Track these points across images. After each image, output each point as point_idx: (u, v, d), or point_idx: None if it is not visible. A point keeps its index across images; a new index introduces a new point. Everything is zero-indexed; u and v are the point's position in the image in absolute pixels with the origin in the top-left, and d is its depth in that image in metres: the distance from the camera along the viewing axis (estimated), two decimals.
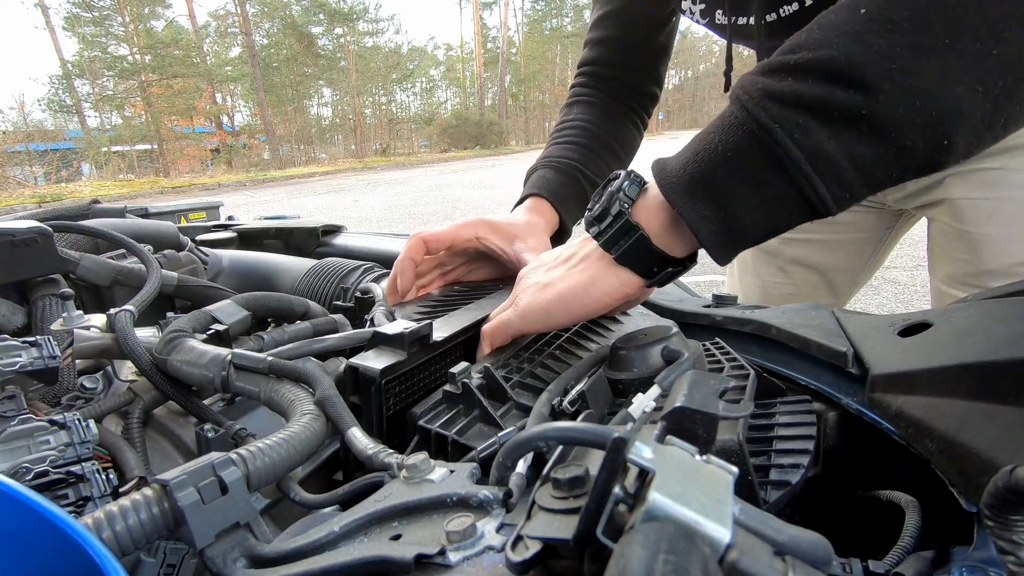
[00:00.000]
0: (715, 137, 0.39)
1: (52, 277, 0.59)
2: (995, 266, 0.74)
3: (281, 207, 8.56)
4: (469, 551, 0.23)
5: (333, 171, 16.70)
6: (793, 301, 1.04)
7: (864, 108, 0.34)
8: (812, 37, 0.36)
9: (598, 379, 0.39)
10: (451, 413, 0.40)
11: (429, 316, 0.55)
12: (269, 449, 0.31)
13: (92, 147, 18.08)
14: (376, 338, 0.44)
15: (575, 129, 0.83)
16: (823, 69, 0.35)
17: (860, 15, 0.35)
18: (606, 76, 0.87)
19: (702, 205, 0.39)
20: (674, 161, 0.42)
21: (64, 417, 0.35)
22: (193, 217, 1.31)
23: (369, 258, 0.91)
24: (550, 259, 0.53)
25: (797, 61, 0.36)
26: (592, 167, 0.80)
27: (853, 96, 0.34)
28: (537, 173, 0.79)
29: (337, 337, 0.47)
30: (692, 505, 0.18)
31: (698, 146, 0.40)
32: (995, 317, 0.36)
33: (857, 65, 0.34)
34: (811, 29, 0.37)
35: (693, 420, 0.26)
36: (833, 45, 0.35)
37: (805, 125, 0.35)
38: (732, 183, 0.38)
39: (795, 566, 0.18)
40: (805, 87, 0.35)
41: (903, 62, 0.34)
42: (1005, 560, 0.23)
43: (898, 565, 0.29)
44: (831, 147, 0.35)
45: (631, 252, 0.44)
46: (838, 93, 0.34)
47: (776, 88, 0.36)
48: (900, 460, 0.38)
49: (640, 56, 0.87)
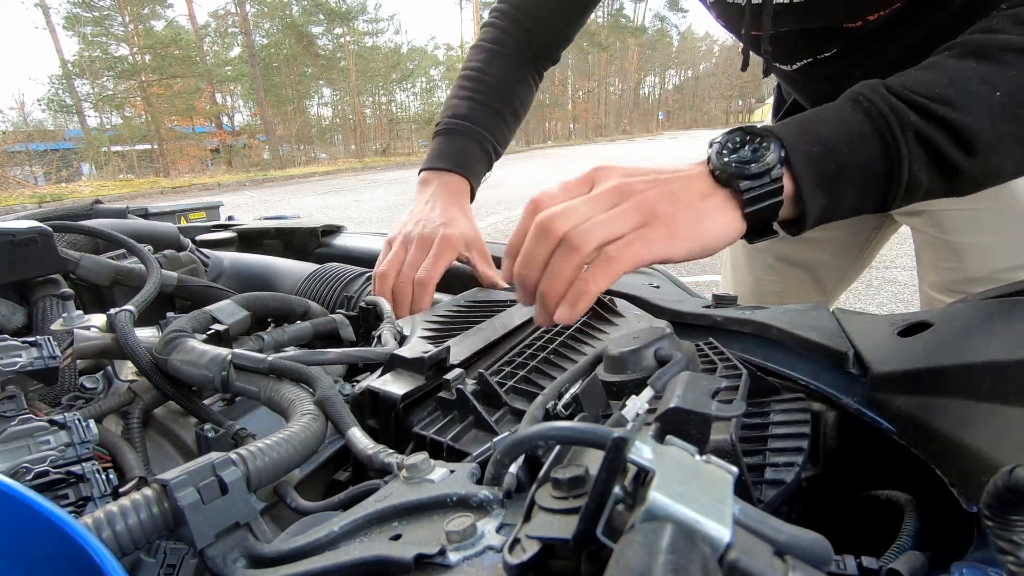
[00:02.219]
0: (853, 142, 0.43)
1: (52, 277, 0.59)
2: (980, 273, 0.77)
3: (281, 207, 8.56)
4: (469, 551, 0.23)
5: (333, 171, 16.69)
6: (783, 298, 1.05)
7: (961, 165, 0.44)
8: (958, 95, 0.43)
9: (592, 382, 0.39)
10: (446, 419, 0.40)
11: (441, 335, 0.54)
12: (269, 449, 0.31)
13: (92, 147, 18.07)
14: (394, 361, 0.44)
15: (487, 86, 0.84)
16: (960, 132, 0.43)
17: (995, 98, 0.43)
18: (521, 24, 0.87)
19: (821, 197, 0.44)
20: (805, 150, 0.44)
21: (64, 417, 0.35)
22: (193, 217, 1.31)
23: (369, 259, 0.91)
24: (645, 175, 0.46)
25: (944, 115, 0.43)
26: (499, 134, 0.85)
27: (961, 156, 0.43)
28: (455, 141, 0.81)
29: (339, 353, 0.46)
30: (692, 505, 0.18)
31: (829, 142, 0.43)
32: (995, 317, 0.36)
33: (979, 137, 0.43)
34: (956, 84, 0.43)
35: (687, 420, 0.26)
36: (972, 115, 0.43)
37: (923, 162, 0.44)
38: (849, 188, 0.44)
39: (795, 566, 0.18)
40: (939, 137, 0.43)
41: (1002, 146, 0.44)
42: (1005, 560, 0.23)
43: (893, 562, 0.29)
44: (925, 180, 0.44)
45: (761, 213, 0.44)
46: (955, 152, 0.43)
47: (922, 128, 0.43)
48: (900, 460, 0.38)
49: (560, 11, 0.87)
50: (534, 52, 0.88)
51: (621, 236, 0.41)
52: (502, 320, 0.56)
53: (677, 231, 0.41)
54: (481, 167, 0.83)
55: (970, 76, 0.44)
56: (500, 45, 0.86)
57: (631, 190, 0.43)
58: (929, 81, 0.44)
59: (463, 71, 0.86)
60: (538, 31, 0.87)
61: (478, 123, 0.82)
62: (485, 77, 0.84)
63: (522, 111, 0.89)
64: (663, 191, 0.43)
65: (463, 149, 0.81)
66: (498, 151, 0.85)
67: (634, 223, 0.41)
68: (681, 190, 0.43)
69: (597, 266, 0.40)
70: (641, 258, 0.40)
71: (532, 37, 0.87)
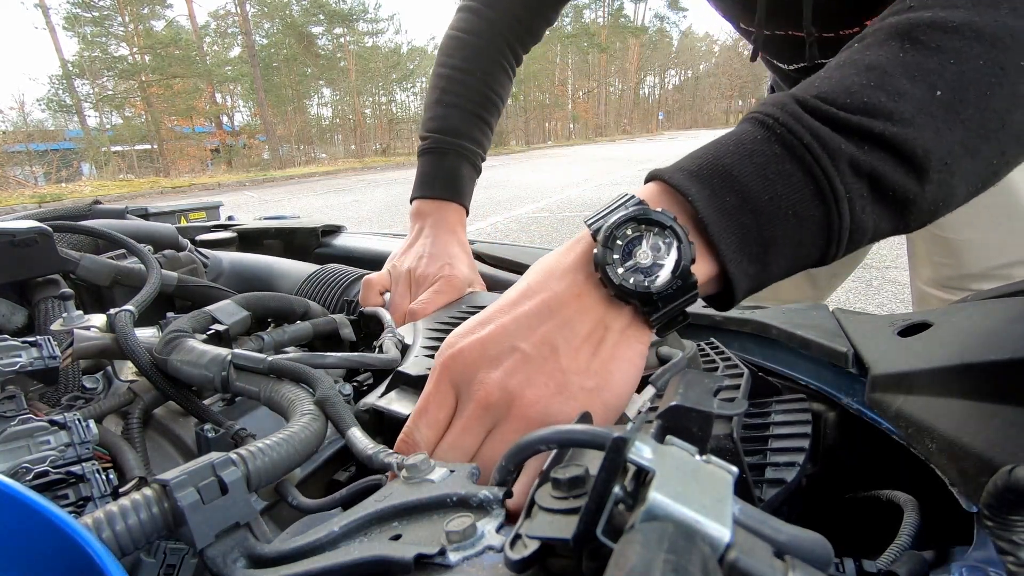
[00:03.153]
0: (773, 185, 0.33)
1: (52, 277, 0.59)
2: (976, 270, 0.76)
3: (281, 207, 8.56)
4: (469, 551, 0.23)
5: (333, 171, 16.70)
6: (775, 293, 1.04)
7: (912, 194, 0.33)
8: (891, 100, 0.33)
9: None
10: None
11: None
12: (269, 449, 0.31)
13: (92, 147, 18.07)
14: (398, 378, 0.44)
15: (470, 89, 0.79)
16: (904, 151, 0.33)
17: (936, 98, 0.33)
18: (498, 5, 0.80)
19: (747, 265, 0.34)
20: (717, 205, 0.33)
21: (64, 417, 0.35)
22: (193, 217, 1.31)
23: (369, 259, 0.91)
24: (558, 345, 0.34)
25: (883, 132, 0.33)
26: (485, 143, 0.80)
27: (911, 183, 0.33)
28: (446, 162, 0.76)
29: (340, 357, 0.46)
30: (692, 505, 0.18)
31: (744, 188, 0.33)
32: (995, 317, 0.36)
33: (929, 154, 0.33)
34: (886, 85, 0.33)
35: (688, 418, 0.26)
36: (914, 125, 0.32)
37: (865, 199, 0.33)
38: (779, 247, 0.34)
39: (795, 566, 0.18)
40: (882, 163, 0.33)
41: (955, 160, 0.33)
42: (1005, 560, 0.23)
43: (892, 564, 0.29)
44: (870, 222, 0.34)
45: (671, 315, 0.35)
46: (903, 179, 0.33)
47: (857, 155, 0.33)
48: (900, 460, 0.38)
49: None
50: (514, 35, 0.82)
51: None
52: None
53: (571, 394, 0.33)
54: (472, 185, 0.79)
55: (900, 72, 0.33)
56: (478, 36, 0.80)
57: (499, 390, 0.33)
58: (851, 86, 0.33)
59: (441, 68, 0.80)
60: (518, 11, 0.80)
61: (467, 138, 0.77)
62: (467, 78, 0.79)
63: (502, 105, 0.84)
64: (541, 362, 0.33)
65: (455, 172, 0.76)
66: (484, 159, 0.82)
67: (520, 428, 0.33)
68: (565, 341, 0.34)
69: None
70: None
71: (512, 18, 0.80)
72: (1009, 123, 0.34)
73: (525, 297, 0.36)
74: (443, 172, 0.76)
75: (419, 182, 0.77)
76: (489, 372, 0.34)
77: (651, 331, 0.36)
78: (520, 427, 0.33)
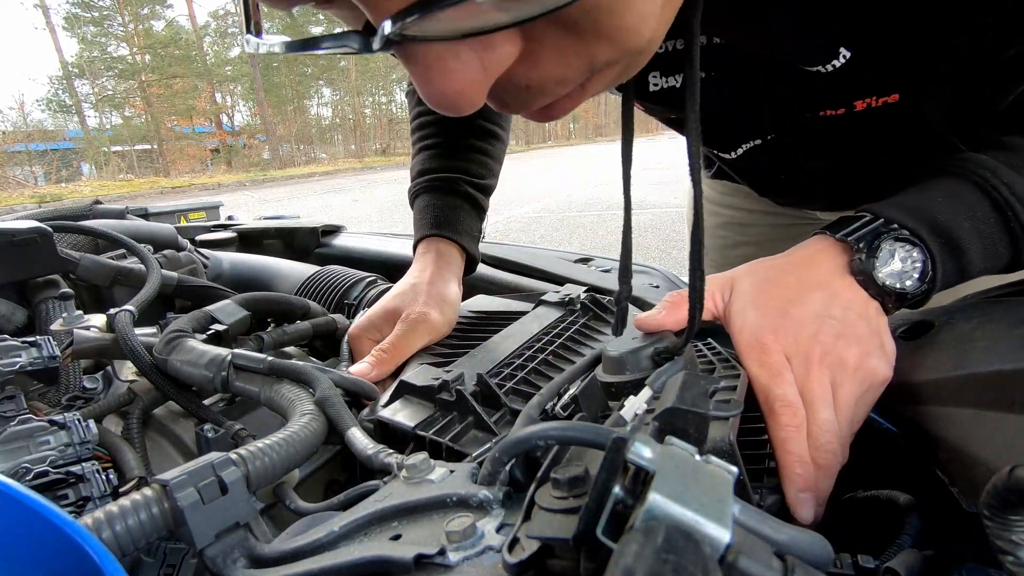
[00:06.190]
0: (983, 230, 0.41)
1: (52, 277, 0.59)
2: None
3: (281, 207, 8.56)
4: (469, 551, 0.23)
5: (333, 171, 16.71)
6: None
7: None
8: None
9: (590, 383, 0.39)
10: (445, 420, 0.40)
11: (447, 355, 0.52)
12: (269, 449, 0.31)
13: (92, 147, 18.08)
14: (402, 388, 0.43)
15: (445, 126, 0.72)
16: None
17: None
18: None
19: (953, 278, 0.42)
20: (950, 243, 0.41)
21: (64, 417, 0.35)
22: (193, 217, 1.32)
23: (369, 259, 0.91)
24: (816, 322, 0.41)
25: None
26: (473, 168, 0.72)
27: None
28: (434, 199, 0.70)
29: (337, 378, 0.44)
30: (692, 505, 0.18)
31: (960, 229, 0.41)
32: (996, 319, 0.36)
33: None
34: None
35: (685, 420, 0.26)
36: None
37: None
38: (981, 262, 0.42)
39: (795, 566, 0.18)
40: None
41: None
42: (1005, 560, 0.23)
43: (889, 561, 0.29)
44: None
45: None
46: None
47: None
48: (900, 460, 0.38)
49: None
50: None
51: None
52: (511, 334, 0.54)
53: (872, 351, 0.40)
54: (469, 215, 0.71)
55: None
56: None
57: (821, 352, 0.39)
58: None
59: (418, 119, 0.74)
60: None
61: (447, 168, 0.70)
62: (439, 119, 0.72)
63: (499, 128, 0.77)
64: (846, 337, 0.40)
65: (444, 204, 0.69)
66: (486, 185, 0.73)
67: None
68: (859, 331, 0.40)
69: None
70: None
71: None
72: None
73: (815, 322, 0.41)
74: (430, 209, 0.69)
75: (414, 227, 0.71)
76: (813, 347, 0.40)
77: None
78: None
